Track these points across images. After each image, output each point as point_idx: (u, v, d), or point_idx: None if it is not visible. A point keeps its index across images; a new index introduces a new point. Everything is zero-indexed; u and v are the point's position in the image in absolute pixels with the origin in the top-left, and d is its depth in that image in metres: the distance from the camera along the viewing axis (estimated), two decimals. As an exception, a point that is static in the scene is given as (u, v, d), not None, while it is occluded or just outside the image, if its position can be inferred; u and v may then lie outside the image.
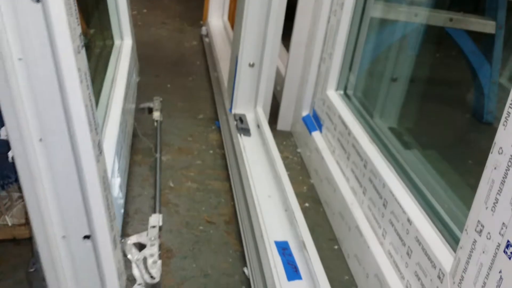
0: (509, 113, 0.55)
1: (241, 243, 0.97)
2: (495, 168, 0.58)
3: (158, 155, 1.21)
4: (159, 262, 0.80)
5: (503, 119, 0.57)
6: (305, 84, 1.39)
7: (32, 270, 0.69)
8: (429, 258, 0.72)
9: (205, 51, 2.14)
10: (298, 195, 1.18)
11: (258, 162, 1.17)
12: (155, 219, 0.92)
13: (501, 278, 0.55)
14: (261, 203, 1.00)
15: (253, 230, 0.96)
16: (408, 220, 0.79)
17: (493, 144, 0.58)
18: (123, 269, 0.69)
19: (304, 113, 1.42)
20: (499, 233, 0.56)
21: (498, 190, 0.57)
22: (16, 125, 0.55)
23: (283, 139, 1.49)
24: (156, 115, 1.39)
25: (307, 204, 1.17)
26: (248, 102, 1.39)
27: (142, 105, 1.45)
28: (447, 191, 0.87)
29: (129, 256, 0.80)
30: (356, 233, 0.94)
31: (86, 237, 0.63)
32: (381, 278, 0.82)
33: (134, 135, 1.31)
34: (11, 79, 0.53)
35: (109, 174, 0.79)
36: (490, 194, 0.58)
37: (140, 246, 0.85)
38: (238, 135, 1.28)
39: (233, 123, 1.35)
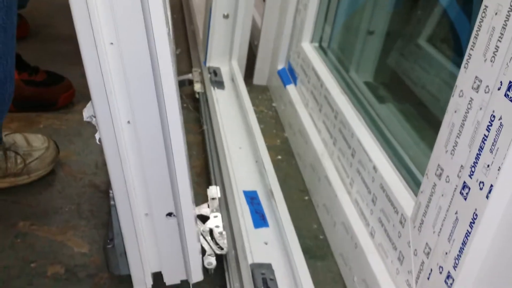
0: (470, 55, 0.55)
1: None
2: (455, 112, 0.57)
3: (205, 126, 1.18)
4: (225, 233, 0.81)
5: (464, 61, 0.56)
6: (280, 36, 1.37)
7: (109, 246, 0.69)
8: (392, 204, 0.73)
9: (182, 4, 2.10)
10: (271, 148, 1.18)
11: (231, 114, 1.16)
12: (214, 191, 0.91)
13: (456, 219, 0.55)
14: (231, 154, 1.00)
15: (223, 181, 0.96)
16: (374, 167, 0.80)
17: (455, 87, 0.58)
18: (200, 242, 0.71)
19: (280, 66, 1.40)
20: (457, 175, 0.56)
21: (458, 133, 0.57)
22: (106, 108, 0.55)
23: (259, 93, 1.47)
24: (198, 87, 1.34)
25: (279, 157, 1.17)
26: (222, 55, 1.37)
27: (180, 77, 1.38)
28: (415, 141, 0.88)
29: None
30: (325, 183, 0.95)
31: (169, 214, 0.64)
32: (347, 225, 0.83)
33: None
34: (103, 64, 0.52)
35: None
36: (450, 137, 0.58)
37: (202, 218, 0.85)
38: (212, 88, 1.26)
39: (207, 76, 1.33)
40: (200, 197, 0.99)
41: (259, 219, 0.84)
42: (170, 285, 0.71)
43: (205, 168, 1.08)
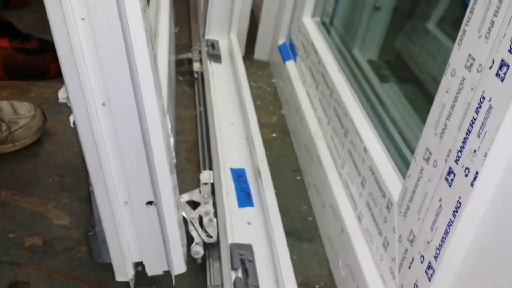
0: (464, 31, 0.51)
1: (200, 170, 0.95)
2: (446, 92, 0.54)
3: (201, 108, 1.14)
4: (215, 220, 0.78)
5: (458, 37, 0.52)
6: (283, 10, 1.32)
7: (91, 233, 0.67)
8: (380, 188, 0.69)
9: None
10: (267, 125, 1.15)
11: (226, 89, 1.12)
12: (206, 176, 0.87)
13: (440, 206, 0.52)
14: (222, 130, 0.97)
15: (211, 157, 0.93)
16: (365, 149, 0.76)
17: (447, 66, 0.54)
18: (184, 232, 0.68)
19: (281, 41, 1.36)
20: (445, 160, 0.53)
21: (448, 115, 0.53)
22: (79, 89, 0.51)
23: (259, 68, 1.43)
24: (196, 66, 1.29)
25: (274, 135, 1.14)
26: (222, 28, 1.33)
27: (180, 56, 1.34)
28: (412, 124, 0.84)
29: (184, 215, 0.77)
30: (317, 163, 0.92)
31: (149, 203, 0.61)
32: (335, 208, 0.80)
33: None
34: (74, 40, 0.48)
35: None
36: (440, 119, 0.55)
37: (194, 204, 0.82)
38: (208, 61, 1.22)
39: (204, 50, 1.29)
40: (189, 173, 0.97)
41: (244, 198, 0.81)
42: (154, 276, 0.69)
43: (196, 143, 1.06)
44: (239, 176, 0.86)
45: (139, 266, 0.70)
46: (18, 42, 1.18)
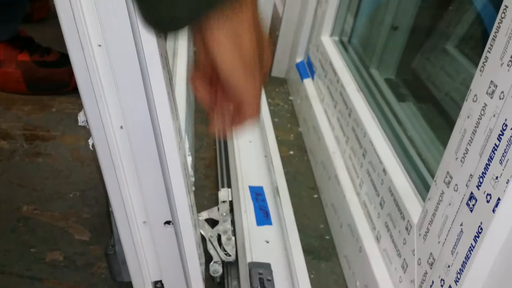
0: (487, 58, 0.51)
1: (218, 187, 0.96)
2: (468, 117, 0.54)
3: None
4: (233, 238, 0.79)
5: (480, 64, 0.53)
6: (301, 28, 1.34)
7: (111, 253, 0.69)
8: (399, 209, 0.70)
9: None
10: (284, 142, 1.16)
11: (244, 106, 1.13)
12: (225, 194, 0.88)
13: (461, 231, 0.52)
14: (241, 147, 0.98)
15: (229, 174, 0.94)
16: (384, 170, 0.76)
17: (469, 91, 0.55)
18: (202, 250, 0.69)
19: (299, 59, 1.37)
20: (466, 185, 0.53)
21: (469, 140, 0.53)
22: (97, 112, 0.53)
23: (277, 86, 1.45)
24: None
25: (291, 152, 1.14)
26: (240, 45, 1.34)
27: None
28: (430, 145, 0.84)
29: (202, 233, 0.79)
30: (335, 182, 0.92)
31: (167, 222, 0.62)
32: (353, 227, 0.81)
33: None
34: (91, 66, 0.50)
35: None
36: (461, 144, 0.55)
37: (212, 222, 0.83)
38: (227, 78, 1.24)
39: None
40: (207, 190, 0.98)
41: (263, 217, 0.81)
42: None
43: (215, 159, 1.07)
44: (257, 194, 0.86)
45: (158, 283, 0.71)
46: (38, 55, 1.20)
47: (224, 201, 0.87)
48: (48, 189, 0.92)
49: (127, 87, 0.53)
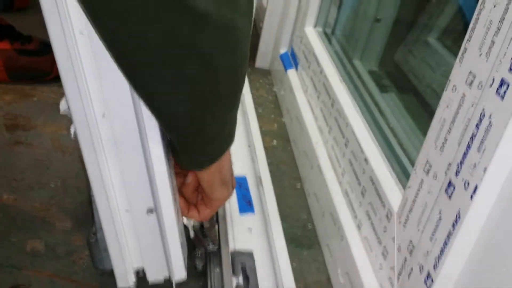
0: (466, 48, 0.52)
1: (201, 177, 0.96)
2: (447, 107, 0.55)
3: None
4: (216, 227, 0.79)
5: (459, 55, 0.54)
6: (285, 19, 1.34)
7: (92, 240, 0.68)
8: (380, 198, 0.71)
9: None
10: (268, 133, 1.16)
11: (228, 96, 1.13)
12: None
13: (440, 218, 0.53)
14: (224, 137, 0.98)
15: (212, 164, 0.94)
16: (365, 159, 0.77)
17: (448, 81, 0.55)
18: (185, 239, 0.68)
19: (283, 50, 1.37)
20: (445, 173, 0.54)
21: (448, 130, 0.54)
22: (79, 100, 0.52)
23: (260, 77, 1.45)
24: None
25: (275, 142, 1.15)
26: (224, 36, 1.34)
27: None
28: (412, 135, 0.85)
29: (185, 222, 0.78)
30: (317, 172, 0.93)
31: (150, 210, 0.62)
32: (335, 216, 0.81)
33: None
34: (73, 53, 0.49)
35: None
36: (440, 133, 0.56)
37: None
38: (211, 68, 1.24)
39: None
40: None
41: (246, 205, 0.82)
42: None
43: (197, 150, 1.06)
44: (240, 183, 0.87)
45: (140, 272, 0.71)
46: (20, 44, 1.19)
47: None
48: (29, 179, 0.91)
49: (109, 75, 0.53)
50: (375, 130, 0.85)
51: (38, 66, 1.19)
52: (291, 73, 1.26)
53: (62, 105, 0.57)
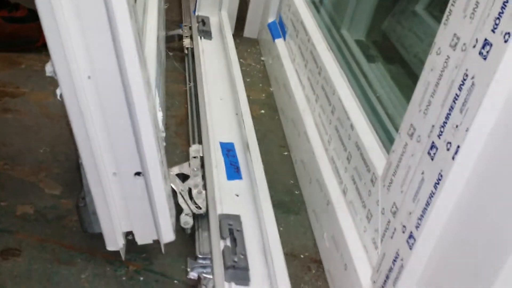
0: (450, 11, 0.53)
1: (189, 144, 0.96)
2: (431, 70, 0.56)
3: (191, 83, 1.13)
4: (204, 192, 0.80)
5: (444, 17, 0.54)
6: (273, -12, 1.33)
7: (81, 205, 0.69)
8: (365, 163, 0.72)
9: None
10: (255, 101, 1.17)
11: (215, 65, 1.14)
12: (196, 150, 0.89)
13: (423, 179, 0.55)
14: (212, 105, 0.98)
15: (200, 131, 0.95)
16: (351, 126, 0.78)
17: (433, 44, 0.56)
18: (173, 202, 0.69)
19: (271, 19, 1.37)
20: (428, 135, 0.55)
21: (432, 92, 0.55)
22: (65, 62, 0.52)
23: (249, 46, 1.44)
24: (187, 42, 1.28)
25: (263, 111, 1.15)
26: (212, 5, 1.34)
27: (170, 32, 1.33)
28: (397, 102, 0.86)
29: (173, 187, 0.79)
30: (304, 139, 0.94)
31: (137, 173, 0.63)
32: (321, 182, 0.83)
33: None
34: (57, 12, 0.49)
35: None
36: (424, 96, 0.57)
37: (183, 177, 0.84)
38: (199, 37, 1.23)
39: (195, 26, 1.30)
40: (178, 147, 0.98)
41: (233, 171, 0.83)
42: (144, 245, 0.70)
43: (186, 118, 1.07)
44: (228, 150, 0.88)
45: (129, 235, 0.72)
46: (7, 11, 1.17)
47: (195, 157, 0.88)
48: (18, 145, 0.91)
49: (94, 35, 0.53)
50: (362, 97, 0.85)
51: (25, 33, 1.18)
52: (279, 42, 1.26)
53: (48, 67, 0.57)
